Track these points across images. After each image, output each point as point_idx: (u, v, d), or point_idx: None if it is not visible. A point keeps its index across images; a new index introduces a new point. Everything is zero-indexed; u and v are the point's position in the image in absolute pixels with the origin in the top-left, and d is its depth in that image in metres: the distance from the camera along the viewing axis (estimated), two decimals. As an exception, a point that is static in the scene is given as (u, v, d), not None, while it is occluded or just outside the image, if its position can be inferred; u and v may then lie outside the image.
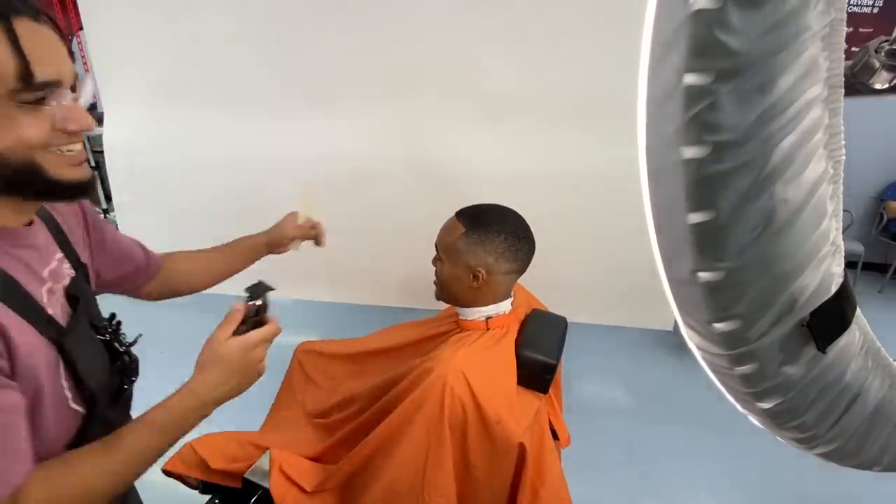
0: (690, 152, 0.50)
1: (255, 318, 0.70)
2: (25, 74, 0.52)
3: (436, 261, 1.04)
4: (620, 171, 1.06)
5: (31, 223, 0.63)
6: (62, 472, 0.57)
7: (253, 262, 1.03)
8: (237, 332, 0.67)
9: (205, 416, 0.66)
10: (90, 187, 0.60)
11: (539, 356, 0.97)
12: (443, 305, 1.12)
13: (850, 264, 2.79)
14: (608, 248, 1.59)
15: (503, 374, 0.96)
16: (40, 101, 0.54)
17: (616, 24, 1.14)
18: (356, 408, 1.06)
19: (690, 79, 0.47)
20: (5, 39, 0.52)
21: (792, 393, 0.62)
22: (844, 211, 0.58)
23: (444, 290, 1.03)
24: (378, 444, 0.92)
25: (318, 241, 1.09)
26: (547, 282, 1.23)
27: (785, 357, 0.59)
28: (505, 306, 1.03)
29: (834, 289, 0.57)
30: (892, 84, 0.98)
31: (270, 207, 1.05)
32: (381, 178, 1.56)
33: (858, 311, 0.63)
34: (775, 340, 0.57)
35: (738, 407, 0.72)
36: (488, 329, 1.01)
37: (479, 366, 0.92)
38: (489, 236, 0.95)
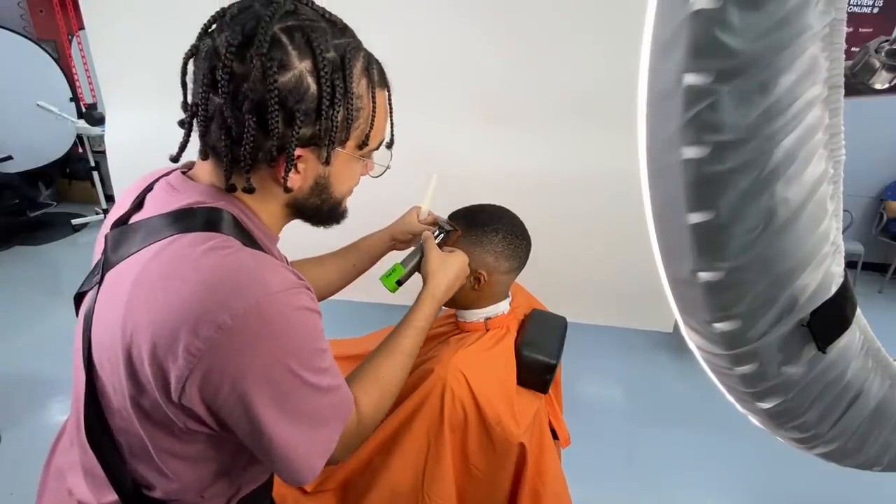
0: (690, 152, 0.50)
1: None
2: (391, 141, 0.68)
3: None
4: (621, 172, 1.07)
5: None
6: (372, 381, 0.72)
7: (378, 259, 1.04)
8: None
9: (436, 315, 0.86)
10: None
11: (539, 356, 0.97)
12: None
13: (850, 264, 2.79)
14: (608, 248, 1.58)
15: (503, 375, 0.95)
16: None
17: (616, 24, 1.14)
18: (356, 408, 1.06)
19: (690, 79, 0.47)
20: (387, 111, 0.65)
21: (792, 393, 0.62)
22: (844, 211, 0.58)
23: None
24: (378, 444, 0.92)
25: None
26: (547, 283, 1.23)
27: (785, 357, 0.59)
28: (504, 306, 1.03)
29: (834, 288, 0.57)
30: (892, 84, 0.98)
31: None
32: (380, 177, 1.56)
33: (858, 310, 0.63)
34: (775, 340, 0.57)
35: (738, 407, 0.72)
36: (488, 330, 1.01)
37: (479, 366, 0.92)
38: (487, 236, 0.95)
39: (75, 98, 3.54)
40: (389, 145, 0.69)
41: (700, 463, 1.93)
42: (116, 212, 0.64)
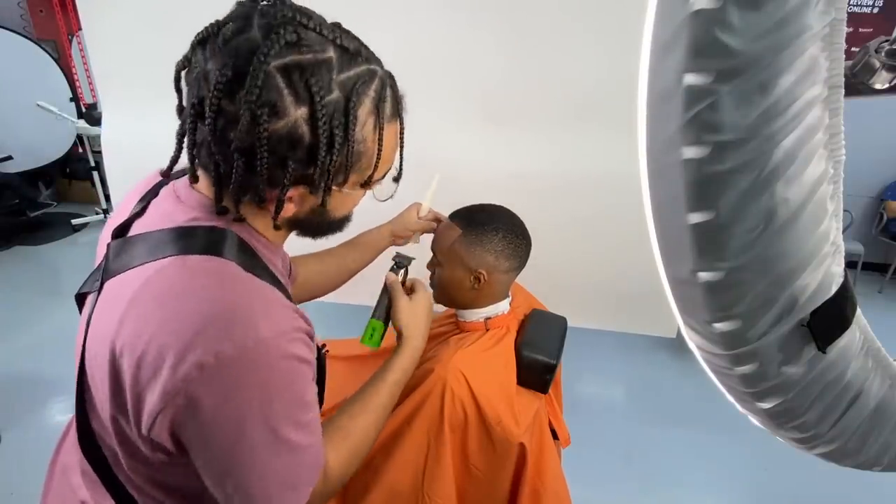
0: (691, 152, 0.50)
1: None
2: (398, 174, 0.65)
3: (432, 265, 1.03)
4: (621, 172, 1.06)
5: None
6: (343, 438, 0.67)
7: (378, 254, 1.04)
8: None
9: (416, 364, 0.83)
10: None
11: (539, 356, 0.97)
12: (441, 307, 1.12)
13: (850, 264, 2.78)
14: (610, 251, 1.58)
15: (503, 375, 0.95)
16: None
17: (616, 24, 1.14)
18: (356, 408, 1.06)
19: (691, 79, 0.47)
20: (397, 144, 0.60)
21: (792, 393, 0.62)
22: (844, 211, 0.58)
23: (443, 294, 1.02)
24: (378, 444, 0.92)
25: None
26: (548, 286, 1.23)
27: (785, 357, 0.59)
28: (504, 306, 1.03)
29: (834, 288, 0.57)
30: (892, 84, 0.98)
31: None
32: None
33: (858, 310, 0.63)
34: (775, 340, 0.57)
35: (739, 407, 0.72)
36: (488, 330, 1.01)
37: (479, 366, 0.92)
38: (487, 235, 0.95)
39: (75, 98, 3.54)
40: (397, 178, 0.65)
41: (700, 463, 1.93)
42: (120, 215, 0.63)
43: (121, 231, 0.59)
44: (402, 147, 0.62)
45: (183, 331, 0.48)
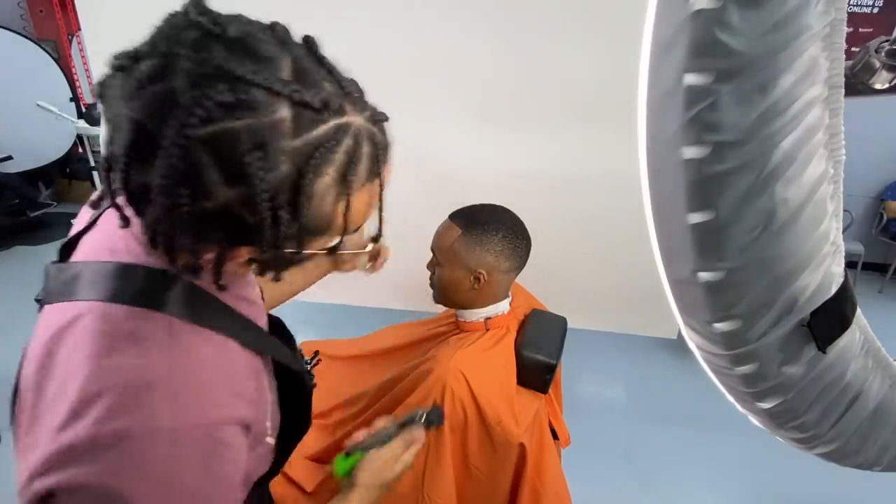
0: (691, 152, 0.50)
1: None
2: (378, 234, 0.54)
3: (432, 265, 1.03)
4: (621, 172, 1.06)
5: None
6: None
7: None
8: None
9: None
10: None
11: (539, 356, 0.97)
12: (441, 308, 1.12)
13: (850, 264, 2.77)
14: (611, 251, 1.58)
15: (503, 375, 0.95)
16: None
17: (616, 24, 1.14)
18: (357, 408, 1.06)
19: (691, 79, 0.47)
20: (370, 207, 0.47)
21: (792, 393, 0.62)
22: (844, 211, 0.58)
23: (443, 295, 1.02)
24: (378, 444, 0.92)
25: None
26: (548, 287, 1.23)
27: (785, 357, 0.59)
28: (504, 306, 1.03)
29: (834, 288, 0.57)
30: (892, 84, 0.98)
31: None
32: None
33: (858, 311, 0.64)
34: (775, 340, 0.57)
35: (739, 407, 0.72)
36: (488, 330, 1.01)
37: (479, 366, 0.92)
38: (487, 235, 0.95)
39: (75, 98, 3.54)
40: (376, 238, 0.55)
41: (700, 462, 1.93)
42: (83, 218, 0.57)
43: (69, 245, 0.53)
44: (381, 206, 0.49)
45: (74, 398, 0.41)
